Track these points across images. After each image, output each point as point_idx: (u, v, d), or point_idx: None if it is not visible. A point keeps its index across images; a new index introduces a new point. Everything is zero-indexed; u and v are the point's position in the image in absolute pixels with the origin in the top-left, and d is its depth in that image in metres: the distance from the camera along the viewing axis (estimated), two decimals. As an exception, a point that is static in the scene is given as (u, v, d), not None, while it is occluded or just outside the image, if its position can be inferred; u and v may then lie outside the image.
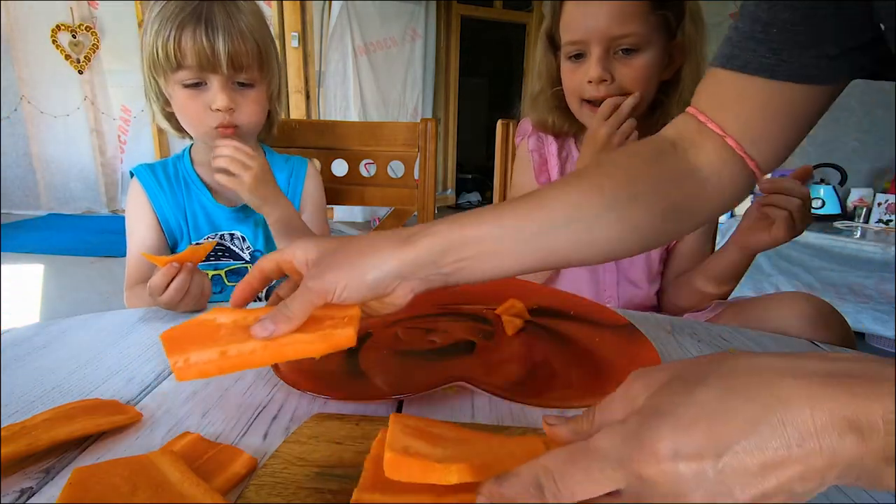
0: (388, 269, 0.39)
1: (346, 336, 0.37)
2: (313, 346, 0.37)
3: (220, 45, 0.69)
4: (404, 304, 0.42)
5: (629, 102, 0.70)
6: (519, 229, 0.41)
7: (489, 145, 6.00)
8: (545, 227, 0.41)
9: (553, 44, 0.79)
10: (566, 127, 0.83)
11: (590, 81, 0.71)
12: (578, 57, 0.73)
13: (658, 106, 0.76)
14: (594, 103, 0.73)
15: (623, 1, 0.68)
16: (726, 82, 0.44)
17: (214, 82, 0.72)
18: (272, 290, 0.47)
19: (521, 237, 0.41)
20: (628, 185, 0.42)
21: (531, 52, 4.80)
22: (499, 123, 0.97)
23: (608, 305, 0.81)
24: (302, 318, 0.38)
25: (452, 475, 0.24)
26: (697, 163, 0.44)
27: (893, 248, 1.80)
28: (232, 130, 0.75)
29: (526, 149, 0.86)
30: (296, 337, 0.37)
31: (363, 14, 3.98)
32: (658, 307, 0.85)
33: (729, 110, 0.43)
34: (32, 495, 0.31)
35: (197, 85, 0.72)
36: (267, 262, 0.44)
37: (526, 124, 0.88)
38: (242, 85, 0.74)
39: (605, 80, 0.71)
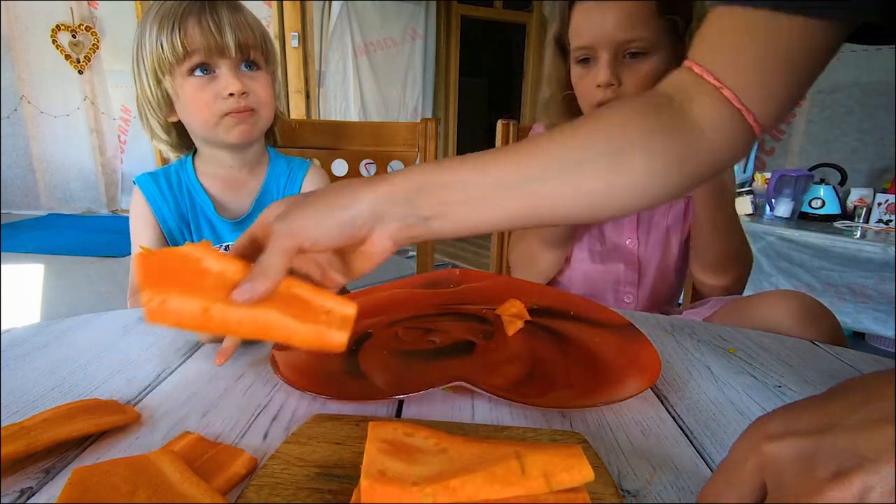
0: (360, 206, 0.36)
1: (338, 340, 0.35)
2: (303, 336, 0.34)
3: (227, 28, 0.70)
4: (385, 255, 0.39)
5: None
6: (501, 178, 0.39)
7: (489, 145, 5.95)
8: (530, 175, 0.40)
9: (562, 49, 0.80)
10: None
11: (598, 86, 0.72)
12: (587, 61, 0.74)
13: None
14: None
15: (630, 6, 0.68)
16: (724, 23, 0.41)
17: (223, 68, 0.72)
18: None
19: (505, 185, 0.39)
20: (619, 137, 0.41)
21: (531, 52, 4.80)
22: (499, 123, 0.97)
23: (626, 302, 0.82)
24: (280, 270, 0.34)
25: (428, 497, 0.25)
26: (694, 116, 0.42)
27: (893, 248, 1.79)
28: (248, 114, 0.74)
29: None
30: (288, 320, 0.34)
31: (363, 14, 3.98)
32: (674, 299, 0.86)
33: (725, 56, 0.41)
34: (32, 495, 0.31)
35: (205, 73, 0.72)
36: (241, 240, 0.39)
37: (539, 128, 0.89)
38: (250, 67, 0.75)
39: (613, 85, 0.72)
